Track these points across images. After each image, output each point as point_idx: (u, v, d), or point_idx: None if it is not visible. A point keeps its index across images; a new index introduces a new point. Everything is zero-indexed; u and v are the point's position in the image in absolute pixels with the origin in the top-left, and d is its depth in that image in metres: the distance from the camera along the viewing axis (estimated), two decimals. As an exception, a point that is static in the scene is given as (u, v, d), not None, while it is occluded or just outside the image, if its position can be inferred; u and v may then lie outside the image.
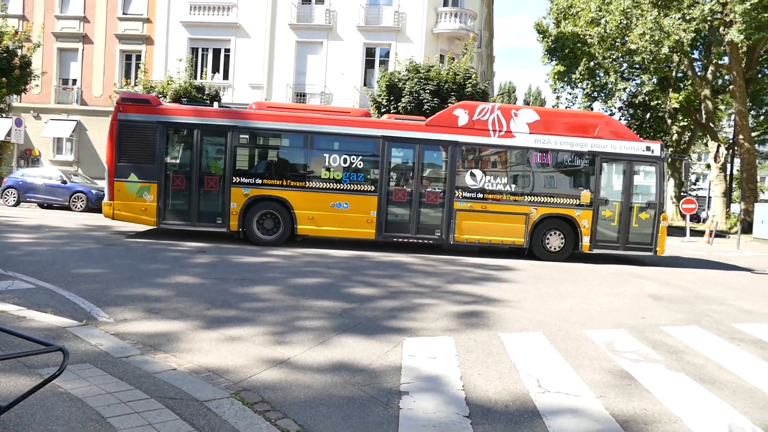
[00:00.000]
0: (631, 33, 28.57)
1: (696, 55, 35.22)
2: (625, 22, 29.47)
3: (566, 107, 37.39)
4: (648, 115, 40.85)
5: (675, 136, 41.06)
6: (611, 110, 39.24)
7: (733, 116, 36.67)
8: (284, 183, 12.93)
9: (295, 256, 11.48)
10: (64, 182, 20.86)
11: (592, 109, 36.60)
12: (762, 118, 39.24)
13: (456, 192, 13.08)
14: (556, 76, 35.37)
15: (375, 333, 5.96)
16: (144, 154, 12.62)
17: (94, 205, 19.93)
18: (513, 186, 13.32)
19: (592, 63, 33.22)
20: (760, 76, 33.89)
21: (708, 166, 44.37)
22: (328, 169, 12.98)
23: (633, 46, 28.63)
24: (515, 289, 9.15)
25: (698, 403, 4.56)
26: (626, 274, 11.93)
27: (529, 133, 13.04)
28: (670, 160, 14.04)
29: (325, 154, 13.02)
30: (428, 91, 20.11)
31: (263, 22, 28.48)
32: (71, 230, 13.91)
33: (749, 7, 23.41)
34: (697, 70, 33.84)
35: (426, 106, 19.85)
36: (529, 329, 6.56)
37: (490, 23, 45.96)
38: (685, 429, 4.02)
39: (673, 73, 35.21)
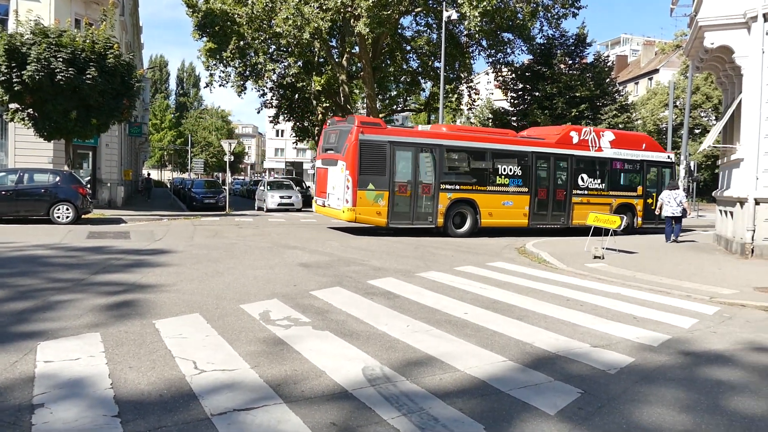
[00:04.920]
0: (277, 17, 29.98)
1: (333, 43, 38.92)
2: (270, 5, 30.71)
3: (220, 85, 37.56)
4: (297, 96, 43.73)
5: (320, 116, 45.00)
6: (263, 90, 40.74)
7: (365, 99, 41.87)
8: (473, 188, 16.53)
9: None
10: None
11: (245, 88, 37.43)
12: (387, 102, 45.79)
13: (573, 190, 17.96)
14: (208, 53, 34.84)
15: (-1, 343, 5.05)
16: (377, 168, 15.18)
17: None
18: (603, 184, 18.55)
19: (242, 42, 33.71)
20: (384, 65, 39.35)
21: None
22: (500, 176, 16.84)
23: (279, 30, 30.10)
24: (172, 273, 8.85)
25: (340, 354, 5.13)
26: (280, 247, 12.66)
27: (611, 148, 18.42)
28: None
29: (498, 165, 16.84)
30: (61, 59, 17.62)
31: None
32: None
33: (371, 4, 26.84)
34: (335, 56, 37.47)
35: (59, 77, 17.42)
36: (186, 312, 6.42)
37: (134, -10, 42.62)
38: (329, 380, 4.48)
39: (316, 58, 38.27)
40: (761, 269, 10.94)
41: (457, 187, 16.30)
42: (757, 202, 12.34)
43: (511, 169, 16.99)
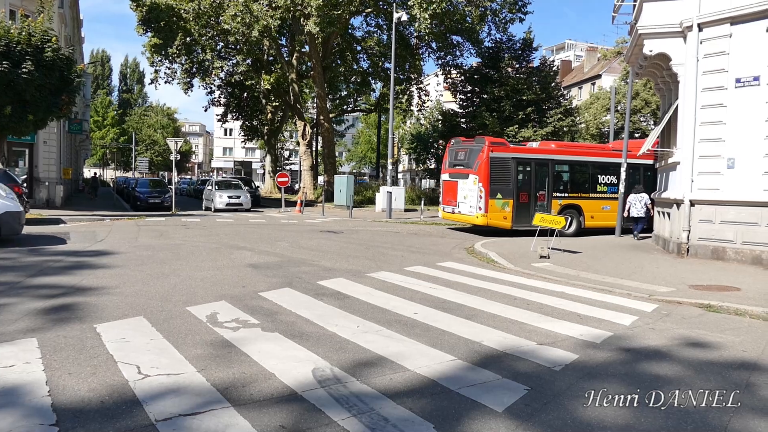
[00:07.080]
0: (225, 13, 29.43)
1: (283, 42, 38.50)
2: (218, 1, 30.13)
3: (166, 82, 36.62)
4: (245, 95, 43.06)
5: (270, 115, 44.45)
6: (210, 88, 39.95)
7: (315, 99, 41.61)
8: (578, 195, 18.93)
9: None
10: None
11: (192, 85, 36.67)
12: (337, 101, 45.64)
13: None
14: (153, 49, 33.85)
15: (-75, 350, 4.77)
16: (504, 180, 17.54)
17: None
18: None
19: (188, 39, 32.93)
20: (334, 65, 39.20)
21: (298, 143, 49.47)
22: (600, 184, 19.25)
23: (227, 27, 29.55)
24: (114, 275, 8.56)
25: (289, 356, 5.07)
26: (228, 248, 12.44)
27: None
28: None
29: (598, 175, 19.26)
30: (-6, 51, 16.81)
31: None
32: None
33: (322, 3, 26.68)
34: (284, 55, 37.08)
35: (-9, 70, 16.59)
36: (130, 315, 6.23)
37: (74, -18, 40.97)
38: (279, 382, 4.42)
39: (265, 57, 37.78)
40: (696, 268, 11.46)
41: (566, 194, 18.79)
42: (692, 204, 12.90)
43: (608, 178, 19.42)
